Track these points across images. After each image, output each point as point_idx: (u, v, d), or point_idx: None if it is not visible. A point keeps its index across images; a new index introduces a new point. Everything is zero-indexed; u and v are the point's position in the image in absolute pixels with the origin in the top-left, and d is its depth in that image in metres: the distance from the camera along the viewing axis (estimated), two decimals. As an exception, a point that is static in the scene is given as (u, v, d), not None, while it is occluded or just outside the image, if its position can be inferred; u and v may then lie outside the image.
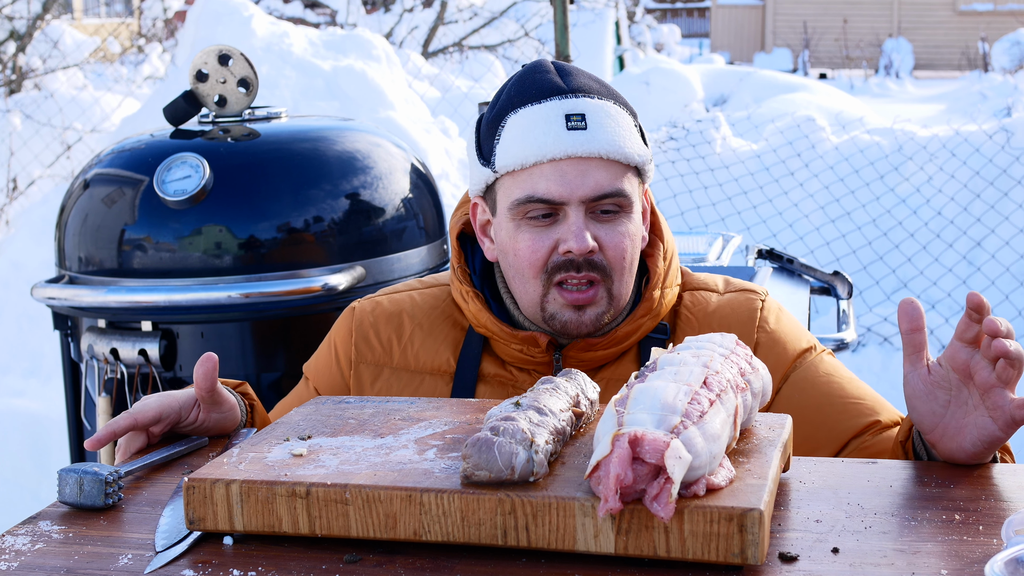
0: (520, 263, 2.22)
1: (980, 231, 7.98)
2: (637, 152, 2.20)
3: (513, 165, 2.18)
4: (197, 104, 3.91)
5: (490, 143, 2.22)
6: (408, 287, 2.47)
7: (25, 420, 5.84)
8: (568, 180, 2.15)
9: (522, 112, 2.18)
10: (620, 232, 2.20)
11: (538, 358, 2.27)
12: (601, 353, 2.27)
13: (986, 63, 26.95)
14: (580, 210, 2.17)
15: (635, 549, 1.48)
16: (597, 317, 2.22)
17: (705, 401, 1.57)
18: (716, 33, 34.98)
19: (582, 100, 2.17)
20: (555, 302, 2.21)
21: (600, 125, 2.17)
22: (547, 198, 2.16)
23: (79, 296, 3.69)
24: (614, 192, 2.17)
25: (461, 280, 2.33)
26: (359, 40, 7.89)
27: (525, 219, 2.20)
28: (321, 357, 2.47)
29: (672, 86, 14.85)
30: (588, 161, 2.16)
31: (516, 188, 2.19)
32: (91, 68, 14.19)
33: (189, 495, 1.62)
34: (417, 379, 2.34)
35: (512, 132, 2.18)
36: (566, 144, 2.15)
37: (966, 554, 1.51)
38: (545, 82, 2.20)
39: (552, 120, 2.16)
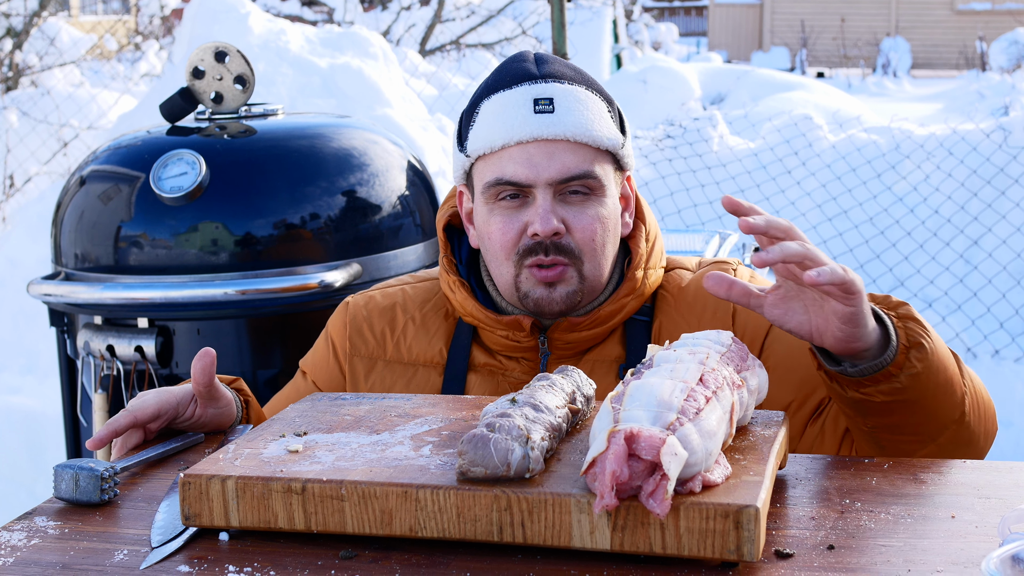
0: (493, 245, 2.26)
1: (977, 230, 7.98)
2: (607, 135, 2.23)
3: (483, 148, 2.24)
4: (193, 101, 3.91)
5: (466, 129, 2.28)
6: (400, 282, 2.52)
7: (21, 417, 5.84)
8: (535, 163, 2.19)
9: (494, 97, 2.24)
10: (589, 215, 2.23)
11: (524, 343, 2.30)
12: (586, 334, 2.30)
13: (984, 62, 26.95)
14: (548, 192, 2.20)
15: (631, 545, 1.48)
16: (568, 295, 2.25)
17: (701, 398, 1.57)
18: (714, 32, 34.98)
19: (551, 85, 2.22)
20: (527, 280, 2.25)
21: (568, 109, 2.21)
22: (514, 180, 2.21)
23: (75, 293, 3.69)
24: (581, 174, 2.21)
25: (448, 270, 2.37)
26: (356, 38, 7.88)
27: (496, 202, 2.24)
28: (319, 352, 2.50)
29: (669, 84, 14.84)
30: (555, 143, 2.20)
31: (487, 171, 2.24)
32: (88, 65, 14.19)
33: (185, 491, 1.62)
34: (410, 371, 2.38)
35: (484, 117, 2.24)
36: (532, 127, 2.19)
37: (962, 551, 1.51)
38: (519, 69, 2.25)
39: (521, 104, 2.21)
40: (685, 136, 8.87)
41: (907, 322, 1.98)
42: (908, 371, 1.94)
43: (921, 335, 1.96)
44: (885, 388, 1.95)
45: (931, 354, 1.96)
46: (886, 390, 1.95)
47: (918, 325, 1.98)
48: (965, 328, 7.38)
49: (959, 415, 2.03)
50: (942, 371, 1.99)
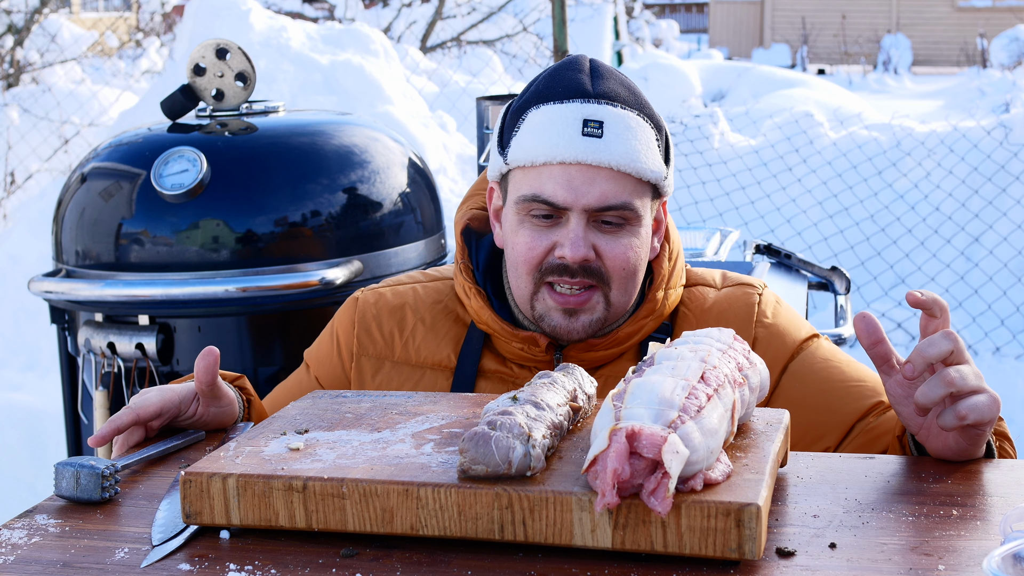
0: (516, 258, 2.21)
1: (978, 227, 7.97)
2: (651, 168, 2.15)
3: (524, 161, 2.16)
4: (195, 98, 3.90)
5: (509, 134, 2.20)
6: (412, 279, 2.46)
7: (22, 414, 5.84)
8: (574, 186, 2.12)
9: (543, 108, 2.15)
10: (622, 244, 2.17)
11: (538, 357, 2.26)
12: (602, 354, 2.26)
13: (984, 59, 26.95)
14: (582, 218, 2.14)
15: (632, 544, 1.48)
16: (591, 324, 2.21)
17: (703, 396, 1.57)
18: (714, 29, 34.97)
19: (604, 107, 2.13)
20: (543, 303, 2.20)
21: (617, 135, 2.12)
22: (551, 200, 2.14)
23: (76, 290, 3.69)
24: (619, 205, 2.14)
25: (464, 276, 2.32)
26: (357, 35, 7.88)
27: (528, 216, 2.18)
28: (323, 346, 2.46)
29: (670, 81, 14.85)
30: (598, 170, 2.12)
31: (524, 184, 2.17)
32: (89, 62, 14.19)
33: (186, 489, 1.62)
34: (418, 373, 2.34)
35: (530, 127, 2.16)
36: (578, 149, 2.11)
37: (964, 549, 1.51)
38: (573, 81, 2.17)
39: (569, 123, 2.12)
40: (686, 133, 8.87)
41: (1003, 441, 1.98)
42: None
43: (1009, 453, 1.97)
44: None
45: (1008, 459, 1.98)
46: None
47: (1010, 445, 1.99)
48: (966, 325, 7.38)
49: None
50: None
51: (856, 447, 2.18)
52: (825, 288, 4.59)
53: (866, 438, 2.17)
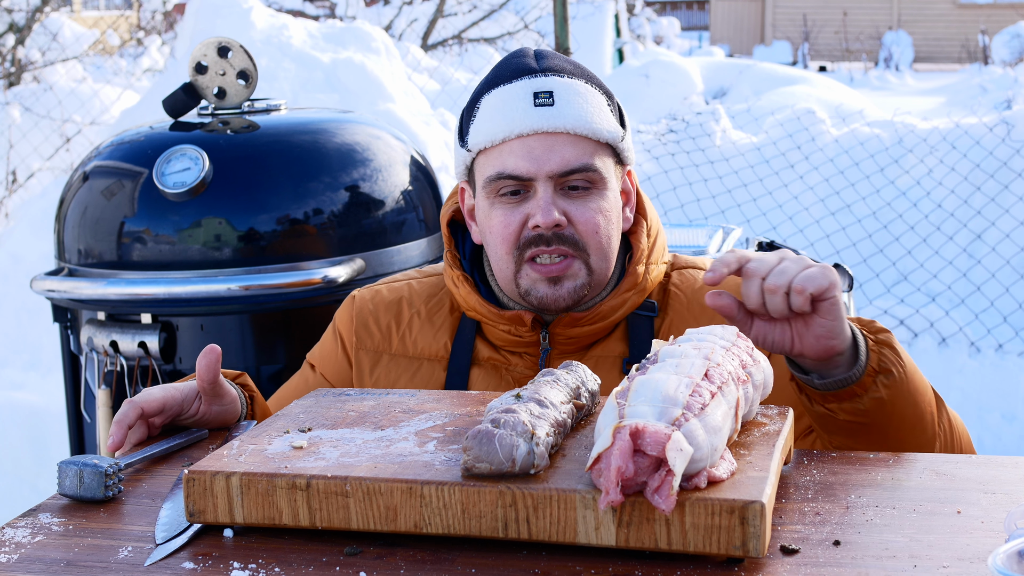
0: (495, 239, 2.27)
1: (980, 224, 7.97)
2: (607, 128, 2.23)
3: (484, 143, 2.24)
4: (196, 96, 3.90)
5: (467, 125, 2.28)
6: (406, 276, 2.53)
7: (25, 413, 5.84)
8: (535, 156, 2.19)
9: (494, 92, 2.25)
10: (591, 208, 2.23)
11: (526, 337, 2.31)
12: (588, 329, 2.30)
13: (986, 56, 26.93)
14: (548, 185, 2.20)
15: (636, 541, 1.48)
16: (575, 289, 2.25)
17: (706, 393, 1.56)
18: (715, 26, 34.95)
19: (551, 79, 2.22)
20: (528, 277, 2.25)
21: (568, 102, 2.21)
22: (515, 174, 2.21)
23: (78, 288, 3.69)
24: (582, 167, 2.21)
25: (451, 265, 2.38)
26: (358, 32, 7.87)
27: (498, 197, 2.25)
28: (326, 345, 2.52)
29: (672, 79, 14.83)
30: (555, 136, 2.20)
31: (488, 166, 2.25)
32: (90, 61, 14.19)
33: (189, 487, 1.62)
34: (415, 365, 2.39)
35: (484, 111, 2.24)
36: (532, 120, 2.19)
37: (968, 547, 1.51)
38: (519, 64, 2.26)
39: (521, 97, 2.21)
40: (688, 130, 8.86)
41: (883, 347, 2.00)
42: (872, 394, 1.96)
43: (893, 362, 1.98)
44: (848, 407, 1.98)
45: (899, 383, 1.98)
46: (848, 409, 1.98)
47: (893, 353, 2.00)
48: (968, 322, 7.37)
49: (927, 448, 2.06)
50: (911, 405, 2.01)
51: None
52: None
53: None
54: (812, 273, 1.86)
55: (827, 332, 1.90)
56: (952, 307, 7.55)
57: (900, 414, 2.00)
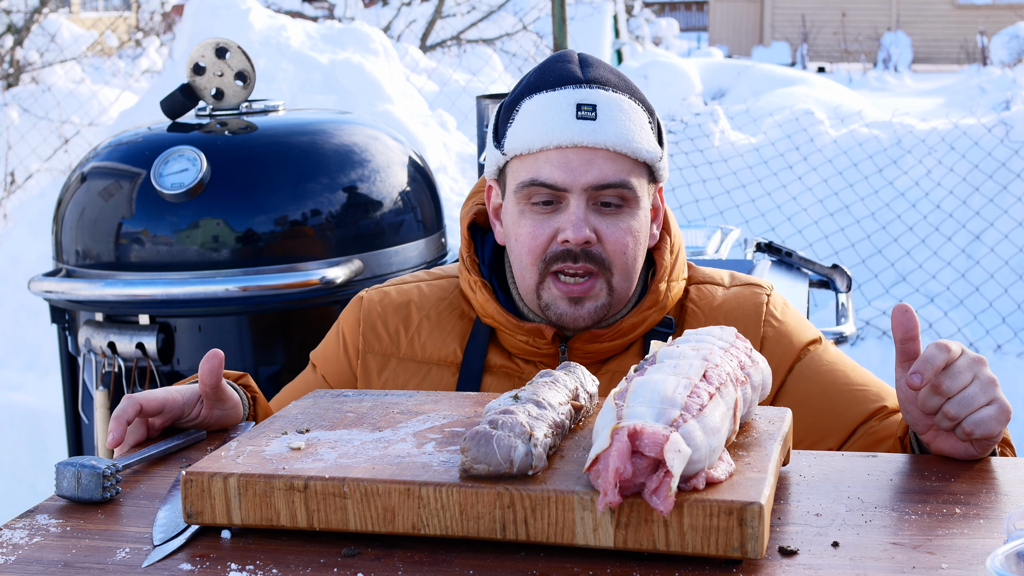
0: (520, 248, 2.23)
1: (979, 224, 7.97)
2: (646, 148, 2.19)
3: (521, 149, 2.19)
4: (194, 97, 3.90)
5: (504, 126, 2.23)
6: (416, 278, 2.47)
7: (23, 414, 5.84)
8: (572, 167, 2.15)
9: (536, 98, 2.19)
10: (622, 227, 2.20)
11: (544, 350, 2.27)
12: (607, 345, 2.27)
13: (985, 57, 26.94)
14: (582, 199, 2.16)
15: (634, 543, 1.48)
16: (596, 311, 2.22)
17: (705, 394, 1.56)
18: (714, 27, 34.96)
19: (596, 91, 2.17)
20: (549, 292, 2.21)
21: (610, 117, 2.16)
22: (550, 183, 2.17)
23: (76, 290, 3.68)
24: (618, 183, 2.17)
25: (469, 270, 2.33)
26: (357, 34, 7.87)
27: (529, 204, 2.20)
28: (329, 346, 2.47)
29: (670, 80, 14.84)
30: (594, 151, 2.16)
31: (522, 171, 2.20)
32: (89, 62, 14.19)
33: (187, 489, 1.62)
34: (424, 369, 2.34)
35: (524, 116, 2.19)
36: (573, 132, 2.15)
37: (967, 548, 1.51)
38: (564, 71, 2.21)
39: (563, 108, 2.16)
40: (686, 131, 8.86)
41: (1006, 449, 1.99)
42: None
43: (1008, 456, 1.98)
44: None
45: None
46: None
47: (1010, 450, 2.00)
48: (967, 323, 7.37)
49: None
50: None
51: (857, 449, 2.19)
52: (826, 286, 4.59)
53: (868, 441, 2.19)
54: (989, 416, 1.79)
55: (967, 455, 1.86)
56: (951, 308, 7.55)
57: None
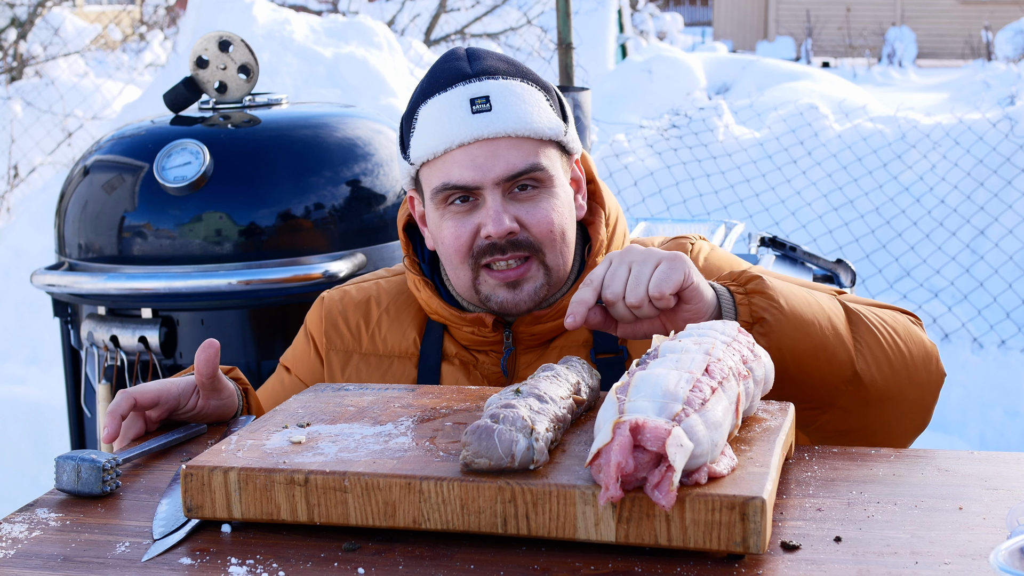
0: (448, 250, 2.25)
1: (983, 219, 7.95)
2: (548, 126, 2.21)
3: (426, 155, 2.21)
4: (197, 91, 3.89)
5: (407, 136, 2.25)
6: (375, 276, 2.53)
7: (25, 407, 5.84)
8: (479, 164, 2.17)
9: (431, 102, 2.21)
10: (542, 208, 2.21)
11: (489, 337, 2.30)
12: (550, 325, 2.29)
13: (989, 52, 26.88)
14: (496, 192, 2.19)
15: (636, 537, 1.47)
16: (534, 292, 2.24)
17: (707, 388, 1.56)
18: (719, 21, 34.91)
19: (485, 83, 2.19)
20: (486, 283, 2.24)
21: (505, 104, 2.18)
22: (461, 184, 2.19)
23: (79, 283, 3.68)
24: (528, 168, 2.19)
25: (411, 269, 2.37)
26: (361, 27, 7.86)
27: (446, 207, 2.23)
28: (299, 347, 2.52)
29: (675, 74, 14.81)
30: (497, 142, 2.18)
31: (433, 177, 2.22)
32: (92, 55, 14.18)
33: (187, 482, 1.61)
34: (385, 363, 2.38)
35: (424, 123, 2.21)
36: (472, 128, 2.17)
37: (970, 543, 1.50)
38: (452, 69, 2.22)
39: (457, 106, 2.18)
40: (691, 126, 8.85)
41: (753, 296, 1.98)
42: None
43: (766, 308, 1.97)
44: None
45: (778, 325, 1.97)
46: None
47: (765, 298, 1.98)
48: (971, 318, 7.36)
49: (850, 375, 2.03)
50: (802, 339, 1.98)
51: None
52: (830, 281, 4.57)
53: None
54: (664, 273, 1.86)
55: (694, 314, 1.91)
56: (955, 303, 7.53)
57: (793, 350, 1.98)
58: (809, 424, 2.09)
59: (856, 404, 2.05)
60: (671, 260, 1.88)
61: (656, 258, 1.89)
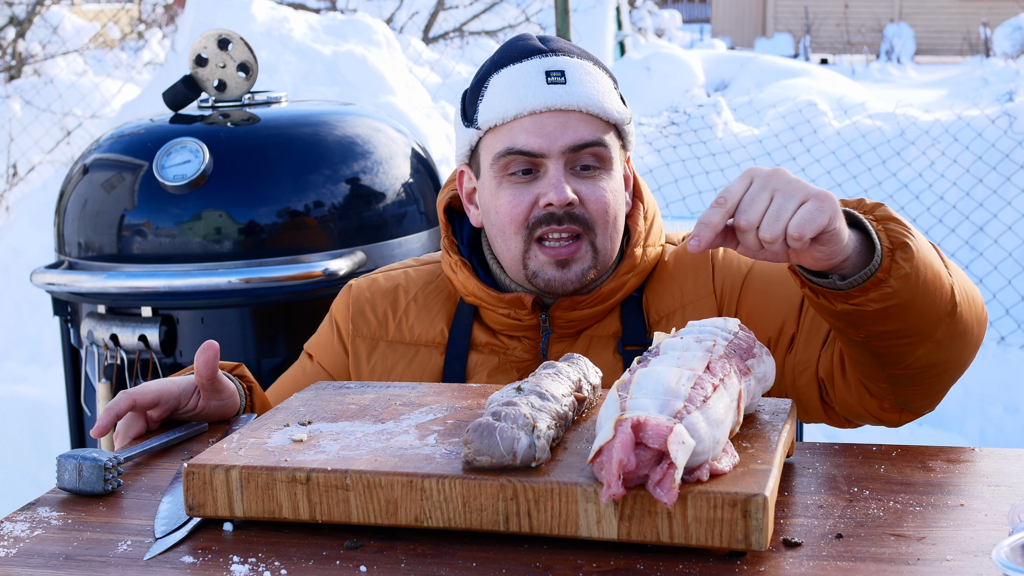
0: (502, 219, 2.25)
1: (983, 216, 7.95)
2: (616, 109, 2.25)
3: (495, 120, 2.22)
4: (197, 89, 3.89)
5: (474, 104, 2.27)
6: (403, 265, 2.53)
7: (25, 406, 5.83)
8: (548, 132, 2.19)
9: (504, 71, 2.23)
10: (600, 187, 2.23)
11: (525, 320, 2.30)
12: (587, 312, 2.29)
13: (988, 48, 26.88)
14: (560, 163, 2.20)
15: (638, 535, 1.47)
16: (583, 273, 2.24)
17: (708, 386, 1.56)
18: (717, 18, 34.91)
19: (562, 58, 2.23)
20: (536, 259, 2.24)
21: (579, 81, 2.21)
22: (527, 150, 2.19)
23: (79, 282, 3.68)
24: (594, 141, 2.21)
25: (449, 251, 2.37)
26: (359, 25, 7.86)
27: (506, 176, 2.23)
28: (323, 334, 2.51)
29: (673, 71, 14.81)
30: (568, 114, 2.20)
31: (497, 143, 2.23)
32: (91, 54, 14.17)
33: (189, 481, 1.61)
34: (412, 351, 2.38)
35: (495, 90, 2.23)
36: (546, 97, 2.19)
37: (971, 540, 1.50)
38: (526, 46, 2.26)
39: (533, 75, 2.21)
40: (689, 123, 8.84)
41: (887, 224, 1.90)
42: (897, 274, 1.86)
43: (904, 234, 1.88)
44: (876, 295, 1.87)
45: (917, 252, 1.88)
46: (877, 297, 1.87)
47: (898, 224, 1.90)
48: (970, 315, 7.35)
49: (951, 307, 1.95)
50: (929, 267, 1.91)
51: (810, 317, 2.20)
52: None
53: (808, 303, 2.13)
54: (809, 214, 1.72)
55: (826, 257, 1.81)
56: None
57: (924, 278, 1.90)
58: (901, 361, 1.99)
59: (949, 338, 1.98)
60: (819, 200, 1.73)
61: (803, 193, 1.74)
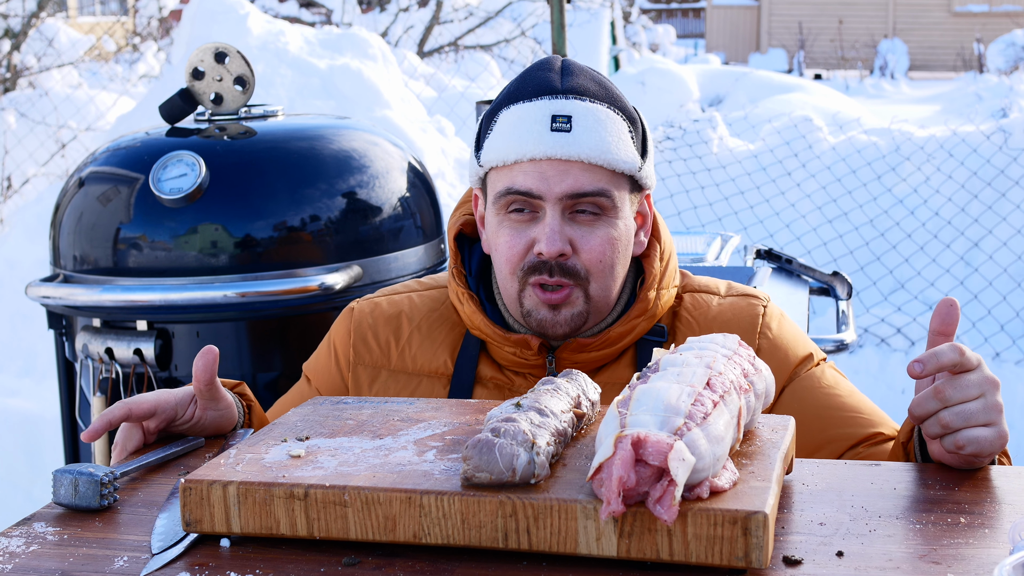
0: (500, 258, 2.24)
1: (978, 232, 7.97)
2: (623, 159, 2.17)
3: (497, 161, 2.20)
4: (193, 102, 3.89)
5: (484, 136, 2.24)
6: (407, 288, 2.47)
7: (19, 420, 5.82)
8: (547, 177, 2.15)
9: (513, 108, 2.19)
10: (599, 236, 2.19)
11: (531, 360, 2.26)
12: (595, 354, 2.26)
13: (981, 64, 26.95)
14: (557, 209, 2.16)
15: (638, 552, 1.46)
16: (573, 317, 2.21)
17: (708, 402, 1.55)
18: (711, 33, 34.99)
19: (572, 102, 2.16)
20: (530, 299, 2.22)
21: (586, 129, 2.15)
22: (524, 190, 2.16)
23: (74, 295, 3.67)
24: (593, 192, 2.16)
25: (457, 282, 2.33)
26: (355, 39, 7.86)
27: (506, 214, 2.21)
28: (321, 358, 2.47)
29: (668, 86, 14.85)
30: (569, 163, 2.15)
31: (499, 181, 2.21)
32: (86, 66, 14.19)
33: (186, 496, 1.60)
34: (415, 381, 2.34)
35: (501, 128, 2.20)
36: (547, 145, 2.14)
37: (972, 558, 1.50)
38: (543, 80, 2.20)
39: (538, 120, 2.16)
40: (685, 138, 8.86)
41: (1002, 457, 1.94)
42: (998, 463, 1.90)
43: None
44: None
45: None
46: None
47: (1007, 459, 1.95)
48: (966, 331, 7.36)
49: None
50: None
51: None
52: (826, 293, 4.58)
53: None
54: (985, 437, 1.78)
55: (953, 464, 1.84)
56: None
57: None
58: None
59: None
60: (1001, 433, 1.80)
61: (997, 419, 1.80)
